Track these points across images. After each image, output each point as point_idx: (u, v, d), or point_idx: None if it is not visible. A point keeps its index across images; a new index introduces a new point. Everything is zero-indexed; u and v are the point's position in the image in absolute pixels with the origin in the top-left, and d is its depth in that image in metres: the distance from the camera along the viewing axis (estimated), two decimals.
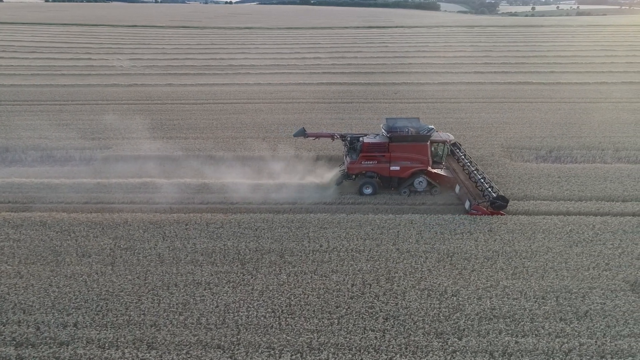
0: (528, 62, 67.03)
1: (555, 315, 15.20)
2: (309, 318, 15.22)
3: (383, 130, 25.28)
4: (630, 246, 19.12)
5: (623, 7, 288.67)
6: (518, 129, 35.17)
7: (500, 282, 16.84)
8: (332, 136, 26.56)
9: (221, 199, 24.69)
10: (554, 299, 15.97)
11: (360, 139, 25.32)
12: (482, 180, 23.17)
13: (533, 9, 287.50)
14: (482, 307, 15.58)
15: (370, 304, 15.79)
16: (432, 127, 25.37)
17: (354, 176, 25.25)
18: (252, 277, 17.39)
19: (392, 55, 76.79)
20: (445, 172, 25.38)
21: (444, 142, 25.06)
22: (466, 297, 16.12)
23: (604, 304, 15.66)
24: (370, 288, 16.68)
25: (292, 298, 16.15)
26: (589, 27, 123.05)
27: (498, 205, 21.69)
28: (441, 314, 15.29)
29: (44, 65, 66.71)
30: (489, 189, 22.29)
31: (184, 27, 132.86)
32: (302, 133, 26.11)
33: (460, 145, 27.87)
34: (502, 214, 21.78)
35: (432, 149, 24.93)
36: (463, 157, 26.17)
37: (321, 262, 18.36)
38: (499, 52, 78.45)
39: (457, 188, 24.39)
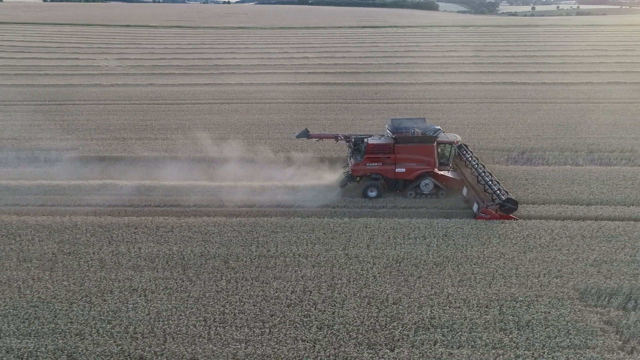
0: (516, 62, 66.45)
1: (496, 325, 14.64)
2: (240, 327, 14.69)
3: (388, 131, 24.60)
4: (587, 252, 18.53)
5: (623, 7, 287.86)
6: (493, 129, 34.59)
7: (445, 290, 16.28)
8: (335, 137, 25.64)
9: (179, 202, 24.16)
10: (497, 307, 15.40)
11: (365, 140, 24.55)
12: (491, 183, 22.26)
13: (533, 8, 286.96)
14: (421, 316, 15.03)
15: (306, 313, 15.25)
16: (439, 127, 24.64)
17: (358, 178, 24.58)
18: (190, 284, 16.86)
19: (381, 55, 76.24)
20: (452, 174, 24.62)
21: (450, 143, 24.33)
22: (407, 305, 15.57)
23: (549, 313, 15.10)
24: (310, 295, 16.13)
25: (227, 306, 15.62)
26: (584, 27, 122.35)
27: (507, 208, 20.93)
28: (378, 324, 14.74)
29: (30, 65, 66.36)
30: (498, 192, 21.43)
31: (177, 27, 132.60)
32: (305, 134, 25.35)
33: (467, 146, 26.93)
34: (512, 218, 20.98)
35: (439, 150, 24.19)
36: (470, 158, 25.20)
37: (265, 267, 17.82)
38: (489, 52, 77.84)
39: (465, 191, 23.75)
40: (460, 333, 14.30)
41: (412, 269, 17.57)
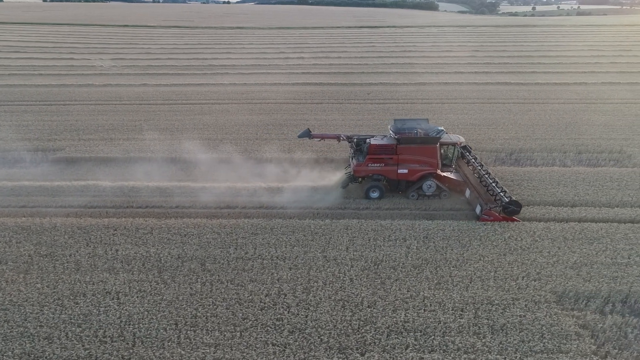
0: (512, 63, 66.22)
1: (470, 329, 14.45)
2: (210, 331, 14.52)
3: (391, 132, 24.33)
4: (567, 254, 18.33)
5: (624, 7, 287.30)
6: (483, 130, 34.37)
7: (421, 293, 16.09)
8: (338, 137, 25.34)
9: (161, 203, 24.00)
10: (473, 311, 15.21)
11: (367, 140, 24.30)
12: (494, 185, 21.95)
13: (533, 9, 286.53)
14: (395, 319, 14.84)
15: (279, 316, 15.07)
16: (442, 128, 24.41)
17: (360, 179, 24.35)
18: (165, 287, 16.68)
19: (377, 55, 76.05)
20: (455, 175, 24.38)
21: (454, 144, 24.00)
22: (382, 308, 15.38)
23: (524, 316, 14.90)
24: (284, 298, 15.96)
25: (200, 309, 15.44)
26: (582, 27, 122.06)
27: (511, 210, 20.67)
28: (350, 327, 14.56)
29: (24, 65, 66.26)
30: (501, 194, 21.18)
31: (175, 27, 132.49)
32: (307, 134, 25.03)
33: (470, 147, 26.66)
34: (515, 220, 20.76)
35: (442, 151, 23.92)
36: (474, 160, 24.82)
37: (242, 270, 17.65)
38: (485, 52, 77.63)
39: (468, 192, 23.51)
40: (433, 337, 14.11)
41: (390, 272, 17.38)
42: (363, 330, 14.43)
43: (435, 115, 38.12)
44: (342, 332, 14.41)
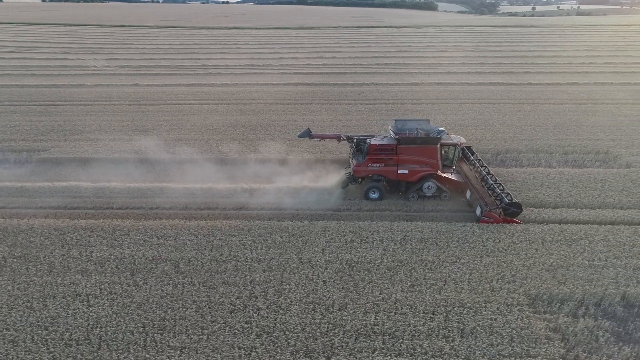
0: (506, 63, 66.04)
1: (439, 332, 14.30)
2: (178, 334, 14.37)
3: (391, 132, 24.20)
4: (544, 256, 18.18)
5: (624, 7, 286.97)
6: (470, 130, 34.18)
7: (393, 296, 15.94)
8: (338, 138, 25.25)
9: (142, 204, 23.87)
10: (444, 314, 15.06)
11: (367, 140, 24.16)
12: (495, 186, 21.74)
13: (533, 9, 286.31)
14: (364, 322, 14.69)
15: (248, 319, 14.92)
16: (443, 129, 24.27)
17: (360, 179, 24.20)
18: (136, 289, 16.54)
19: (372, 55, 75.90)
20: (455, 176, 24.19)
21: (454, 145, 23.80)
22: (352, 311, 15.24)
23: (495, 319, 14.75)
24: (255, 301, 15.81)
25: (169, 312, 15.30)
26: (580, 28, 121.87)
27: (511, 212, 20.48)
28: (319, 330, 14.41)
29: (17, 66, 66.16)
30: (502, 195, 20.91)
31: (172, 27, 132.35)
32: (307, 134, 24.98)
33: (472, 148, 26.44)
34: (516, 222, 20.56)
35: (442, 152, 23.73)
36: (475, 160, 24.67)
37: (215, 272, 17.51)
38: (480, 52, 77.46)
39: (468, 193, 23.32)
40: (401, 341, 13.97)
41: (364, 274, 17.23)
42: (331, 334, 14.28)
43: (424, 115, 37.91)
44: (310, 335, 14.26)
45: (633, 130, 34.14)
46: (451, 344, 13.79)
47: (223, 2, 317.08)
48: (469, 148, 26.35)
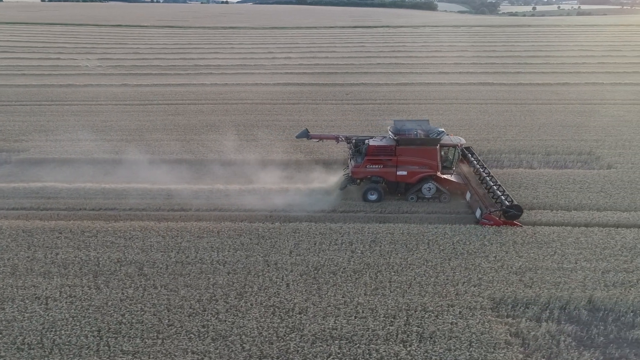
0: (499, 63, 65.77)
1: (398, 337, 14.07)
2: (132, 338, 14.16)
3: (390, 133, 23.86)
4: (514, 259, 17.94)
5: (624, 7, 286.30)
6: (455, 131, 33.62)
7: (356, 299, 15.71)
8: (336, 138, 24.93)
9: (115, 205, 23.67)
10: (405, 318, 14.82)
11: (366, 141, 23.89)
12: (495, 187, 21.44)
13: (534, 9, 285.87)
14: (323, 326, 14.47)
15: (205, 323, 14.70)
16: (443, 130, 23.93)
17: (358, 181, 23.96)
18: (97, 292, 16.33)
19: (365, 55, 75.65)
20: (455, 177, 23.94)
21: (454, 145, 23.37)
22: (312, 315, 15.01)
23: (456, 324, 14.51)
24: (215, 304, 15.59)
25: (127, 315, 15.08)
26: (577, 27, 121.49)
27: (511, 214, 20.16)
28: (276, 335, 14.19)
29: (9, 66, 65.97)
30: (502, 197, 20.61)
31: (168, 27, 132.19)
32: (305, 135, 24.67)
33: (472, 149, 26.09)
34: (517, 225, 20.26)
35: (442, 153, 23.33)
36: (475, 162, 24.32)
37: (179, 275, 17.29)
38: (474, 52, 77.16)
39: (468, 195, 23.02)
40: (358, 345, 13.74)
41: (329, 277, 17.01)
42: (288, 338, 14.06)
43: (410, 115, 37.76)
44: (267, 339, 14.04)
45: (618, 130, 33.86)
46: (408, 349, 13.56)
47: (222, 2, 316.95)
48: (468, 149, 25.98)
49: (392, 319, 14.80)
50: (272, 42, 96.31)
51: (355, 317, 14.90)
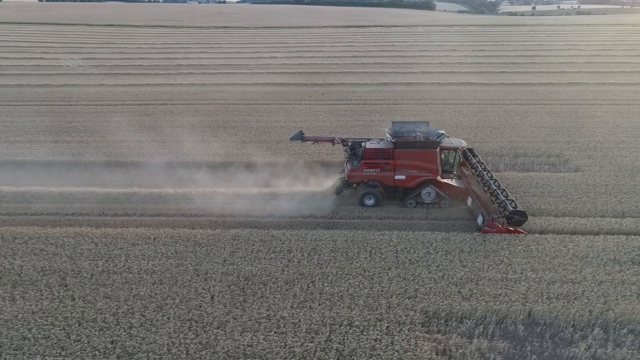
0: (485, 62, 64.84)
1: (315, 354, 13.15)
2: (33, 355, 13.27)
3: (388, 135, 22.94)
4: (457, 268, 17.03)
5: (624, 7, 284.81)
6: None
7: (279, 312, 14.79)
8: (332, 140, 24.09)
9: (60, 210, 22.82)
10: (327, 333, 13.91)
11: (363, 144, 23.02)
12: (498, 192, 20.45)
13: (534, 8, 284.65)
14: (238, 343, 13.56)
15: (114, 338, 13.80)
16: (443, 132, 22.93)
17: (355, 185, 23.05)
18: (10, 303, 15.46)
19: (352, 54, 74.78)
20: (456, 182, 22.93)
21: (455, 148, 22.37)
22: (230, 330, 14.11)
23: (379, 341, 13.60)
24: (130, 318, 14.69)
25: (34, 330, 14.19)
26: (573, 27, 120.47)
27: (515, 221, 19.15)
28: (186, 352, 13.28)
29: None
30: (506, 202, 19.61)
31: (160, 26, 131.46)
32: (300, 137, 23.76)
33: (474, 151, 25.12)
34: (520, 232, 19.23)
35: (442, 156, 22.37)
36: (477, 165, 23.32)
37: (102, 285, 16.40)
38: (462, 52, 76.15)
39: (469, 200, 22.00)
40: None
41: (258, 288, 16.10)
42: (198, 356, 13.15)
43: (382, 116, 36.82)
44: (176, 357, 13.14)
45: (592, 132, 32.89)
46: None
47: (220, 2, 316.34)
48: (470, 150, 24.93)
49: (314, 335, 13.89)
50: (260, 41, 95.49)
51: (275, 333, 13.98)
